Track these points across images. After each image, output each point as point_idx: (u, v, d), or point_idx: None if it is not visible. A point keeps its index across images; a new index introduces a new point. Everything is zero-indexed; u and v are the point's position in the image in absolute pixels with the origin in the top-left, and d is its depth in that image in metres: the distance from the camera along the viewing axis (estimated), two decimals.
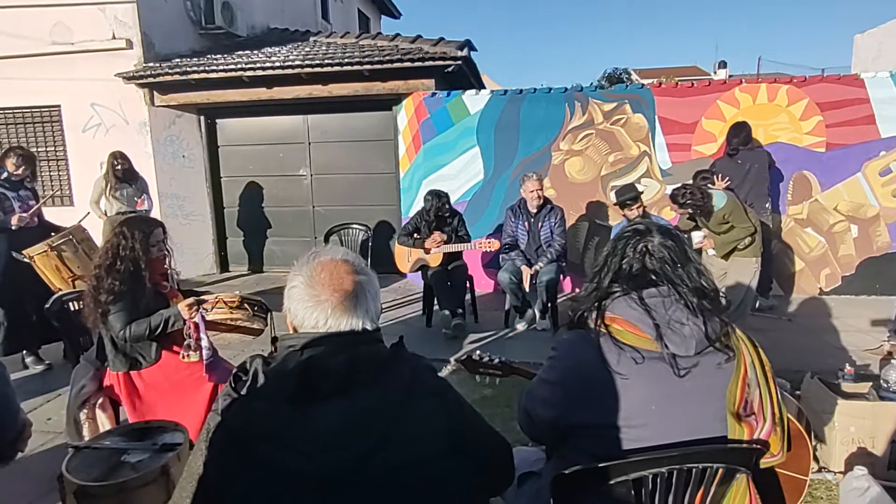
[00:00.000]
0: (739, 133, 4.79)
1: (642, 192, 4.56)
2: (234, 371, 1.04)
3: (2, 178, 3.83)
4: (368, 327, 1.06)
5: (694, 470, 1.14)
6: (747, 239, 3.79)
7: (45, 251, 3.51)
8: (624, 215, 4.35)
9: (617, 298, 1.23)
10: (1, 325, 3.81)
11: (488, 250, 4.64)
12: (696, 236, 3.87)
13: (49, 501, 2.27)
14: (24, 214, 3.74)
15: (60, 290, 3.38)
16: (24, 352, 3.90)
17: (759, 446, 1.18)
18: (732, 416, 1.17)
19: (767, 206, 4.90)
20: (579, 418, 1.22)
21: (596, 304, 1.26)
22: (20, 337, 3.84)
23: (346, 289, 1.04)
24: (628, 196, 4.24)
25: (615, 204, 4.49)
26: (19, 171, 3.86)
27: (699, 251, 3.91)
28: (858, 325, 4.46)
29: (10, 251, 3.71)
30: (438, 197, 4.59)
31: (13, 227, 3.70)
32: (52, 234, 3.75)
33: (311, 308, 1.03)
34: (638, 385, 1.17)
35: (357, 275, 1.07)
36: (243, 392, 0.98)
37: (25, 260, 3.56)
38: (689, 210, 3.80)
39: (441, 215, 4.59)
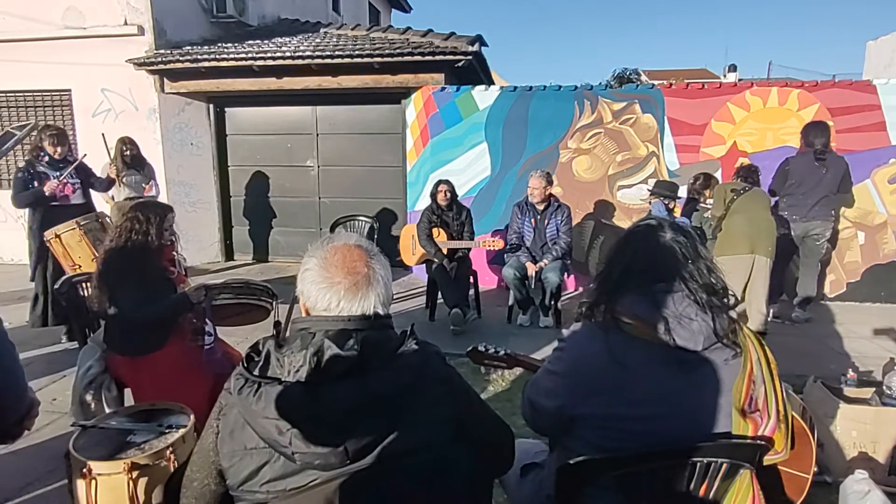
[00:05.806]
0: (825, 134, 4.44)
1: (679, 199, 4.61)
2: (247, 352, 1.05)
3: (44, 160, 4.01)
4: (380, 312, 1.07)
5: (698, 464, 1.15)
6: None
7: (72, 228, 3.53)
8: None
9: (626, 292, 1.24)
10: (38, 298, 3.90)
11: (492, 249, 4.66)
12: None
13: (53, 478, 2.30)
14: (53, 181, 3.90)
15: (79, 266, 3.40)
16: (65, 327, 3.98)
17: (763, 443, 1.18)
18: (737, 411, 1.18)
19: (833, 212, 4.65)
20: (584, 409, 1.22)
21: (605, 297, 1.26)
22: (60, 312, 3.90)
23: (359, 272, 1.05)
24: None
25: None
26: (58, 150, 4.02)
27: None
28: (862, 331, 4.45)
29: (42, 230, 3.80)
30: (438, 185, 4.69)
31: (46, 194, 3.86)
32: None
33: (325, 290, 1.04)
34: (644, 378, 1.18)
35: (370, 260, 1.08)
36: (255, 372, 1.00)
37: (46, 240, 3.60)
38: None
39: (447, 201, 4.65)
